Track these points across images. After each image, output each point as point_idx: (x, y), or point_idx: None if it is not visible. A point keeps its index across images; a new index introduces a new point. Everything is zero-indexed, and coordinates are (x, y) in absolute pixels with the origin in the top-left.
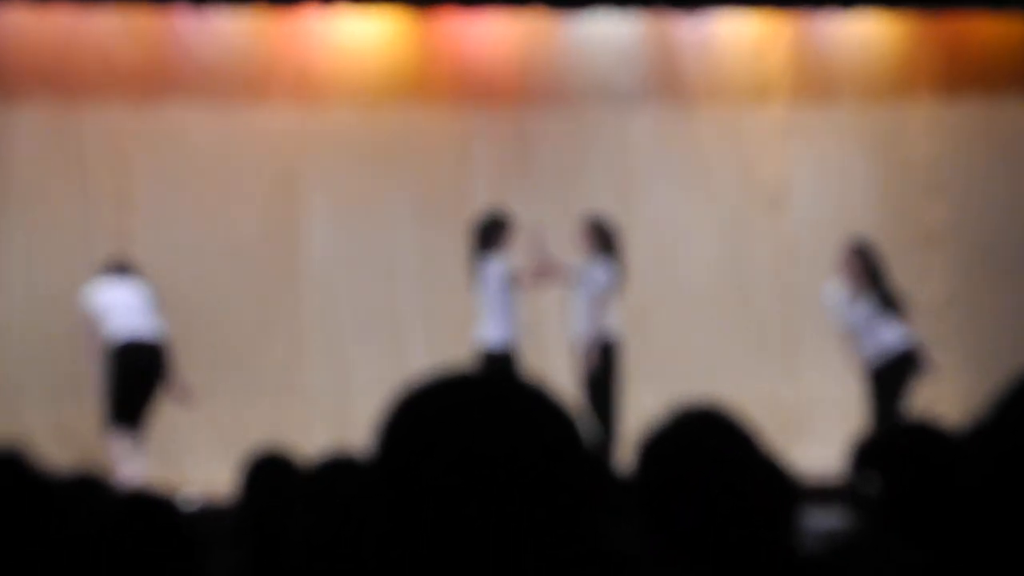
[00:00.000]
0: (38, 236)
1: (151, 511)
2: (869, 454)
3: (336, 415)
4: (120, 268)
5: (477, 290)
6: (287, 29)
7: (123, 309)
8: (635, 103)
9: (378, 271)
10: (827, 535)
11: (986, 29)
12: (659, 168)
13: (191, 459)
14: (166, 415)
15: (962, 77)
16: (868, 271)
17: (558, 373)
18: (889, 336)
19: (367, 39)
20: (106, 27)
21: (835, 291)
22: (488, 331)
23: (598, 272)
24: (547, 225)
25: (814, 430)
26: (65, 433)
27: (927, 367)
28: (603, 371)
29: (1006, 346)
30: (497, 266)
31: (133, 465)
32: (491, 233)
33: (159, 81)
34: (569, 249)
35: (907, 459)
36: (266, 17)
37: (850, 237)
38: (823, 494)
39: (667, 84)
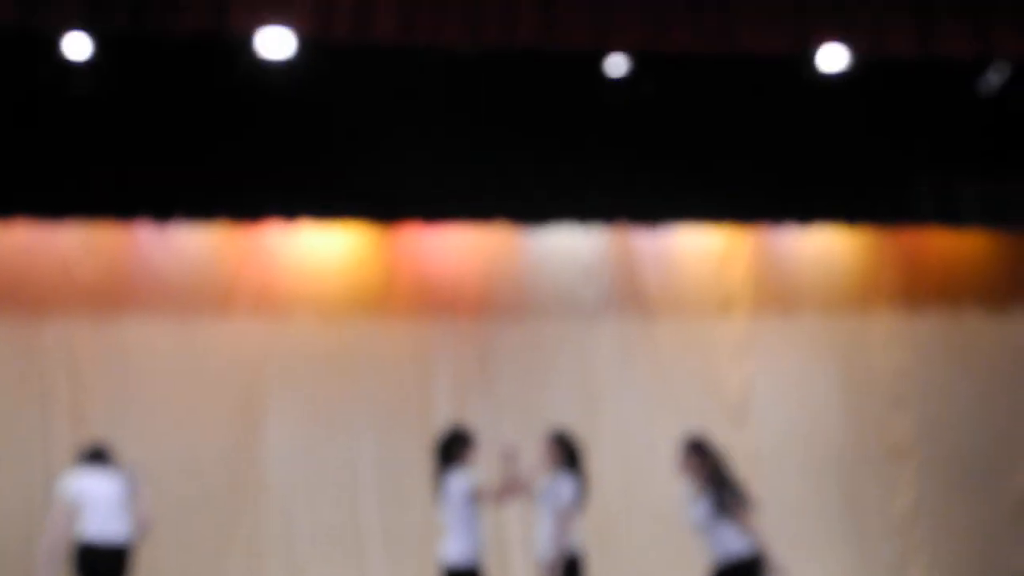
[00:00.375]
0: None
1: None
2: None
3: None
4: (97, 456)
5: (440, 506)
6: (250, 244)
7: (97, 505)
8: (598, 316)
9: (339, 484)
10: None
11: (944, 244)
12: (623, 381)
13: None
14: None
15: (922, 290)
16: (706, 469)
17: None
18: (731, 540)
19: (330, 254)
20: (67, 241)
21: (683, 490)
22: (450, 547)
23: (562, 487)
24: (509, 438)
25: None
26: None
27: (774, 572)
28: None
29: (974, 558)
30: (459, 482)
31: None
32: (453, 448)
33: (119, 296)
34: (532, 463)
35: None
36: (229, 232)
37: (686, 434)
38: None
39: (630, 297)
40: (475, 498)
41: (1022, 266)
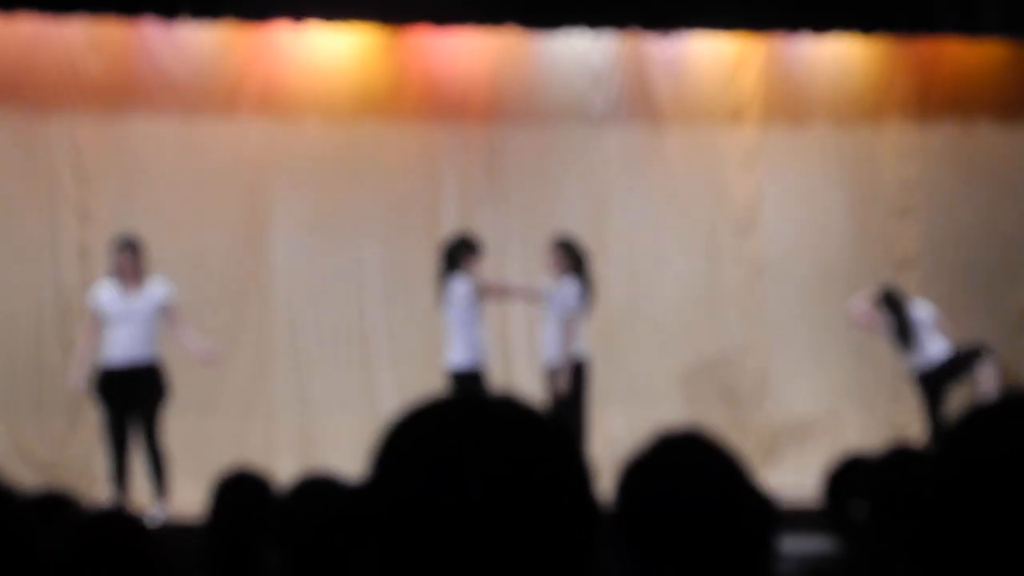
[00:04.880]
0: (0, 248)
1: (119, 530)
2: (851, 480)
3: (300, 430)
4: (128, 245)
5: (443, 311)
6: (257, 43)
7: (119, 324)
8: (607, 122)
9: (345, 287)
10: (801, 560)
11: (959, 53)
12: (630, 187)
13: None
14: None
15: (935, 100)
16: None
17: (526, 393)
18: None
19: (338, 55)
20: (72, 37)
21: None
22: (455, 352)
23: (567, 292)
24: (516, 242)
25: (784, 451)
26: (25, 452)
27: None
28: (572, 392)
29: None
30: (462, 286)
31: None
32: (458, 254)
33: (125, 93)
34: (534, 270)
35: (894, 485)
36: (236, 31)
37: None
38: (795, 518)
39: (639, 104)
40: (477, 300)
41: None
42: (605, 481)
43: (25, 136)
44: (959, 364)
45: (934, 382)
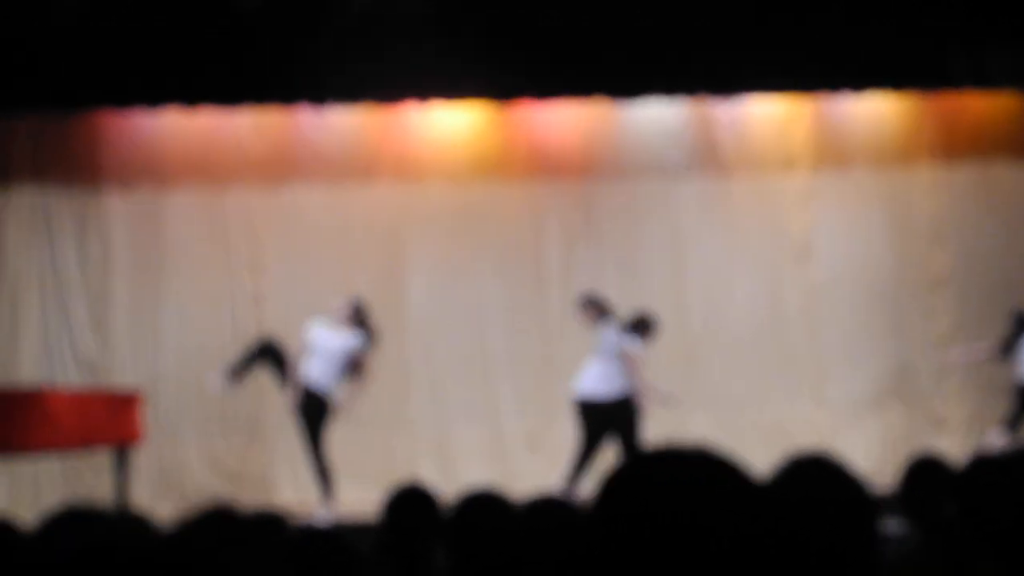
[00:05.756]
0: (189, 299)
1: (329, 550)
2: (932, 478)
3: (438, 442)
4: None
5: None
6: (391, 121)
7: (316, 354)
8: (681, 174)
9: (469, 321)
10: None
11: (978, 105)
12: (703, 230)
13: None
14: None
15: (958, 145)
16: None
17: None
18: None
19: (457, 128)
20: (242, 124)
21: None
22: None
23: (613, 336)
24: (611, 280)
25: (841, 446)
26: (216, 465)
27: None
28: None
29: (1005, 374)
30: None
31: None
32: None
33: (285, 168)
34: (626, 305)
35: (982, 489)
36: (373, 112)
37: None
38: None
39: (708, 158)
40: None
41: None
42: None
43: (206, 206)
44: None
45: None
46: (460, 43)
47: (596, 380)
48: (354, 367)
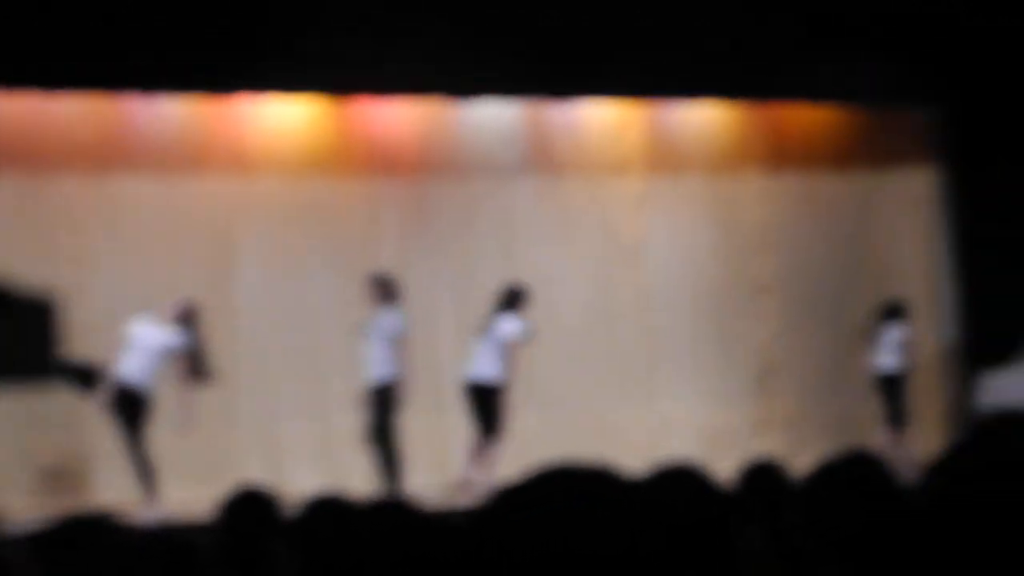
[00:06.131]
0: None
1: (164, 551)
2: (770, 482)
3: (267, 439)
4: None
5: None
6: (223, 112)
7: (134, 349)
8: (516, 175)
9: (300, 315)
10: None
11: (805, 116)
12: (537, 229)
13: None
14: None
15: (785, 155)
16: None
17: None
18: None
19: (291, 121)
20: (66, 110)
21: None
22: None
23: (391, 320)
24: (444, 274)
25: (669, 448)
26: (31, 462)
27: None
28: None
29: (822, 374)
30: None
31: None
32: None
33: (112, 157)
34: (459, 299)
35: (827, 497)
36: (205, 102)
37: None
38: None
39: (542, 159)
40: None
41: (868, 135)
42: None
43: (26, 194)
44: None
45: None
46: (297, 35)
47: (379, 364)
48: (192, 369)
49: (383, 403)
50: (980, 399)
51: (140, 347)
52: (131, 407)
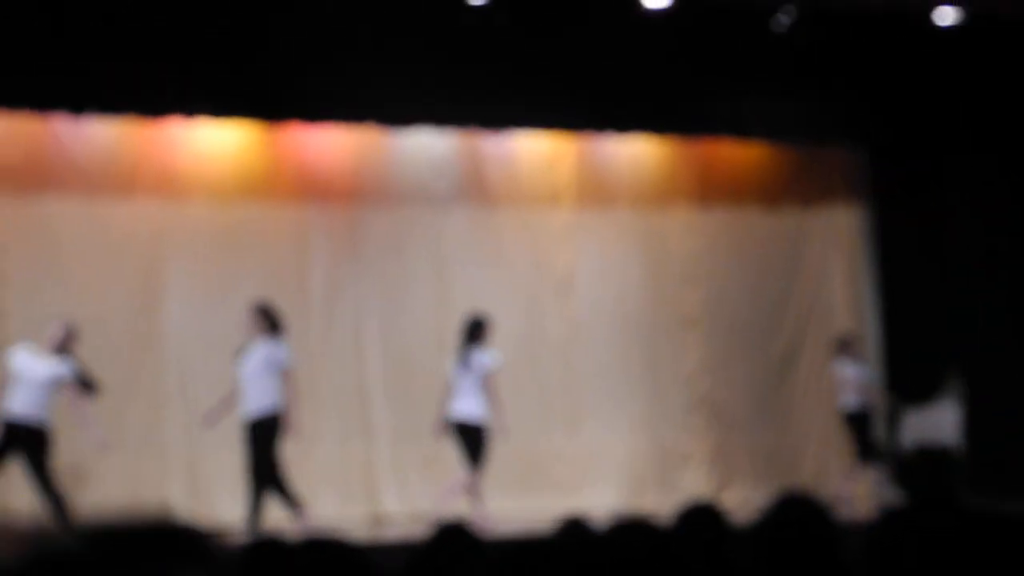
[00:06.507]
0: None
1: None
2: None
3: (189, 466)
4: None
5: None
6: (153, 136)
7: (21, 383)
8: (449, 204)
9: (227, 342)
10: None
11: (732, 152)
12: (468, 258)
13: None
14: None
15: (713, 189)
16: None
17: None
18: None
19: (223, 146)
20: None
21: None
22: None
23: (277, 351)
24: (374, 302)
25: (593, 478)
26: None
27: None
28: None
29: (748, 404)
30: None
31: None
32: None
33: (37, 178)
34: (388, 327)
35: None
36: (135, 125)
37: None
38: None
39: (475, 190)
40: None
41: (794, 172)
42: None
43: None
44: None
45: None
46: (230, 60)
47: (258, 396)
48: (80, 391)
49: (265, 437)
50: (903, 436)
51: (26, 381)
52: (29, 444)
